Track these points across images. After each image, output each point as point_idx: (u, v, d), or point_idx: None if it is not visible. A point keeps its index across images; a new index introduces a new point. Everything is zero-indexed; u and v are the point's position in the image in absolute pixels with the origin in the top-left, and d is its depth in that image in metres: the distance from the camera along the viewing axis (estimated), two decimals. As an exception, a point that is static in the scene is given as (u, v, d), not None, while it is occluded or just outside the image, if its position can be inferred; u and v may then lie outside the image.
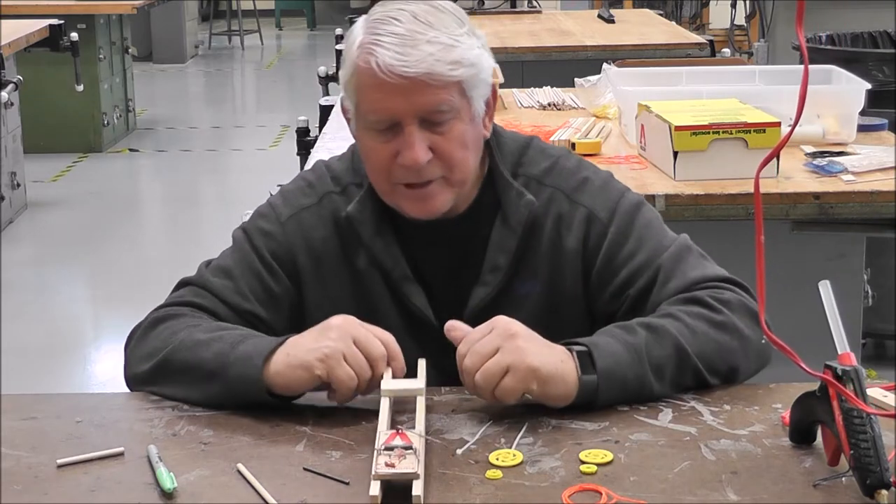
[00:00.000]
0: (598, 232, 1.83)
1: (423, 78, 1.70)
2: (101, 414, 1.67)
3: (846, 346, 1.43)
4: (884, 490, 1.35)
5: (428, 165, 1.75)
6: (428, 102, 1.72)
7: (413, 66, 1.69)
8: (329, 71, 5.04)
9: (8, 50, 6.02)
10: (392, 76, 1.70)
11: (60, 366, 4.68)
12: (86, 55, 7.46)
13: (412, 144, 1.73)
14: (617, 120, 3.44)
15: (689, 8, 9.13)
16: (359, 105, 1.77)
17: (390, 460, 1.42)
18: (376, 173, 1.80)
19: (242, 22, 13.30)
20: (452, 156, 1.76)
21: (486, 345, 1.59)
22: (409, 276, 1.83)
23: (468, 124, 1.77)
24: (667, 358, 1.66)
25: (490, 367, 1.58)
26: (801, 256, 2.94)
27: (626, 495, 1.41)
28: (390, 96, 1.71)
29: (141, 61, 10.90)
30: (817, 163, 2.95)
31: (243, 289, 1.83)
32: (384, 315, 1.83)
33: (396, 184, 1.78)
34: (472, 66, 1.74)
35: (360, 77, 1.74)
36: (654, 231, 1.85)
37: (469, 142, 1.78)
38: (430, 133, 1.75)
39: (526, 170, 1.87)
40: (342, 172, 1.90)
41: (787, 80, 3.47)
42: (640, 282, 1.80)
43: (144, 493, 1.44)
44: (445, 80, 1.71)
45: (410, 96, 1.71)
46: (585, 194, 1.85)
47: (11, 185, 6.45)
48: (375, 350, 1.62)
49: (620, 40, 5.26)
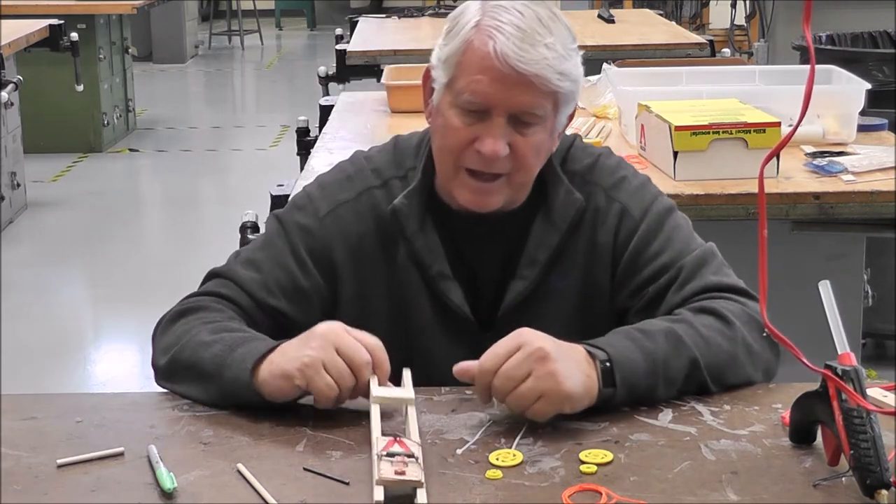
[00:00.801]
0: (629, 228, 1.86)
1: (532, 78, 1.73)
2: (101, 414, 1.67)
3: (846, 346, 1.43)
4: (884, 490, 1.35)
5: (501, 160, 1.77)
6: (525, 103, 1.75)
7: (528, 63, 1.72)
8: (329, 71, 5.04)
9: (8, 50, 6.01)
10: (505, 66, 1.72)
11: (60, 366, 4.68)
12: (86, 55, 7.45)
13: (496, 135, 1.76)
14: (617, 120, 3.44)
15: (689, 8, 9.13)
16: (456, 80, 1.78)
17: (397, 467, 1.41)
18: (447, 152, 1.80)
19: (242, 22, 13.30)
20: (526, 160, 1.79)
21: (517, 368, 1.56)
22: (447, 273, 1.84)
23: (548, 136, 1.81)
24: (680, 370, 1.67)
25: (523, 393, 1.56)
26: (801, 256, 2.94)
27: (626, 495, 1.41)
28: (494, 84, 1.73)
29: (141, 61, 10.89)
30: (817, 163, 2.95)
31: (270, 283, 1.83)
32: (418, 310, 1.85)
33: (461, 168, 1.79)
34: (574, 82, 1.79)
35: (470, 56, 1.75)
36: (683, 234, 1.87)
37: (542, 152, 1.82)
38: (514, 131, 1.77)
39: (570, 166, 1.90)
40: (384, 165, 1.90)
41: (787, 80, 3.47)
42: (661, 280, 1.81)
43: (144, 493, 1.44)
44: (550, 88, 1.75)
45: (512, 91, 1.73)
46: (622, 192, 1.88)
47: (11, 185, 6.45)
48: (358, 357, 1.60)
49: (620, 40, 5.26)
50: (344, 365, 1.59)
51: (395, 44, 5.20)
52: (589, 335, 1.70)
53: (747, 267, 2.67)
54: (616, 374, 1.61)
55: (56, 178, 7.44)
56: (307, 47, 13.78)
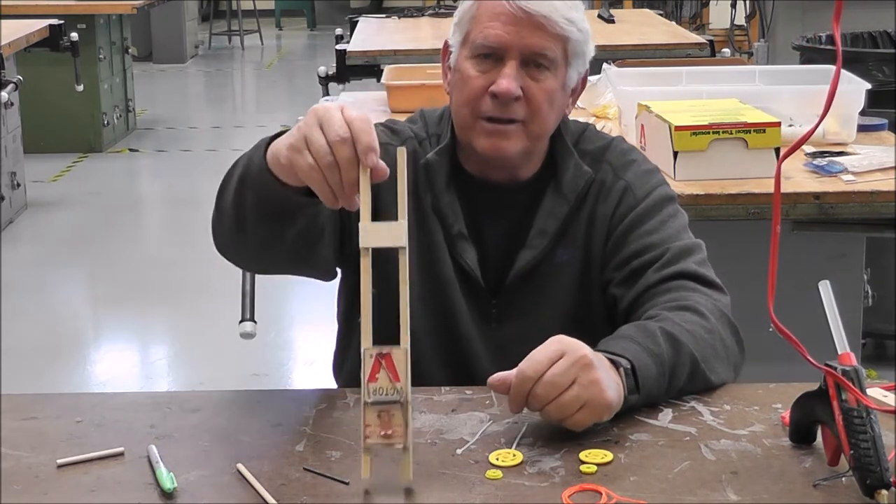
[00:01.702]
0: (629, 204, 1.92)
1: (541, 19, 1.82)
2: (101, 414, 1.67)
3: (846, 346, 1.43)
4: (884, 490, 1.35)
5: (515, 103, 1.84)
6: (536, 44, 1.83)
7: (538, 5, 1.82)
8: (329, 71, 5.04)
9: (8, 50, 6.02)
10: (515, 8, 1.82)
11: (60, 366, 4.68)
12: (86, 55, 7.46)
13: (509, 75, 1.83)
14: (617, 120, 3.44)
15: (689, 8, 9.14)
16: (470, 34, 1.86)
17: (384, 423, 1.40)
18: (464, 103, 1.87)
19: (242, 22, 13.31)
20: (539, 105, 1.85)
21: (562, 376, 1.53)
22: (464, 233, 1.91)
23: (560, 87, 1.88)
24: (683, 370, 1.68)
25: (567, 401, 1.53)
26: (801, 256, 2.93)
27: (626, 495, 1.41)
28: (506, 27, 1.83)
29: (141, 61, 10.90)
30: (817, 163, 2.95)
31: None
32: (442, 263, 1.91)
33: (479, 118, 1.85)
34: (582, 32, 1.88)
35: (482, 8, 1.85)
36: (677, 223, 1.92)
37: (556, 102, 1.88)
38: (527, 76, 1.85)
39: (584, 146, 1.97)
40: (418, 130, 1.98)
41: (787, 80, 3.47)
42: (646, 256, 1.86)
43: (144, 493, 1.44)
44: (558, 31, 1.84)
45: (522, 31, 1.83)
46: (630, 172, 1.95)
47: (11, 185, 6.45)
48: (333, 132, 1.50)
49: (620, 40, 5.26)
50: (324, 141, 1.50)
51: (395, 44, 5.20)
52: (585, 308, 1.88)
53: (747, 266, 2.68)
54: (640, 383, 1.62)
55: (56, 178, 7.44)
56: (307, 47, 13.78)
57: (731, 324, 1.80)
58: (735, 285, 2.93)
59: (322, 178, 1.51)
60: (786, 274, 2.96)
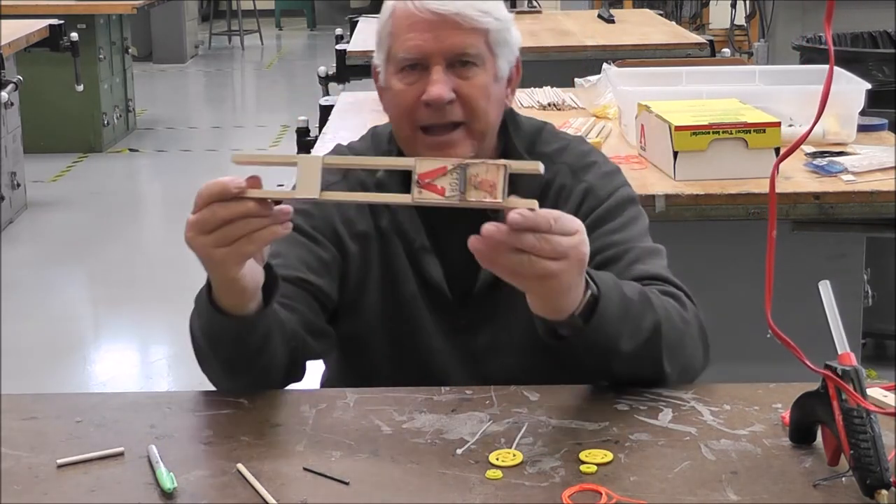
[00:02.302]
0: (591, 205, 1.89)
1: (454, 17, 1.80)
2: (101, 414, 1.67)
3: (846, 346, 1.43)
4: (884, 490, 1.35)
5: (450, 106, 1.82)
6: (456, 44, 1.81)
7: (446, 4, 1.80)
8: (329, 71, 5.04)
9: (8, 50, 6.02)
10: (424, 12, 1.80)
11: (60, 366, 4.68)
12: (86, 55, 7.46)
13: (436, 81, 1.81)
14: (617, 120, 3.44)
15: (689, 8, 9.14)
16: (391, 49, 1.85)
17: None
18: (400, 118, 1.86)
19: (242, 22, 13.31)
20: (475, 102, 1.83)
21: (560, 244, 1.50)
22: (427, 246, 1.89)
23: (492, 80, 1.85)
24: (645, 329, 1.66)
25: (543, 267, 1.50)
26: (801, 256, 2.93)
27: (626, 495, 1.41)
28: (422, 34, 1.81)
29: (141, 61, 10.90)
30: (817, 163, 2.95)
31: (293, 261, 1.84)
32: (405, 280, 1.89)
33: (417, 130, 1.84)
34: (500, 21, 1.84)
35: (396, 19, 1.84)
36: (639, 226, 1.90)
37: (492, 95, 1.85)
38: (455, 77, 1.82)
39: (539, 148, 1.94)
40: (364, 150, 1.96)
41: (787, 80, 3.47)
42: (609, 252, 1.83)
43: (144, 493, 1.44)
44: (475, 24, 1.81)
45: (440, 34, 1.80)
46: (591, 174, 1.92)
47: (11, 185, 6.45)
48: (198, 214, 1.59)
49: (620, 40, 5.26)
50: (207, 216, 1.57)
51: (395, 44, 5.19)
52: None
53: (747, 266, 2.68)
54: (598, 307, 1.60)
55: (56, 178, 7.44)
56: (307, 47, 13.78)
57: (702, 331, 1.78)
58: (735, 285, 2.95)
59: (224, 234, 1.55)
60: (786, 274, 2.96)
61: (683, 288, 1.82)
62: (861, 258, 3.07)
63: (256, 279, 1.63)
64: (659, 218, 2.71)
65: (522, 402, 1.66)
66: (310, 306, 1.83)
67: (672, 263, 1.89)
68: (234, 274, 1.59)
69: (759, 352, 2.36)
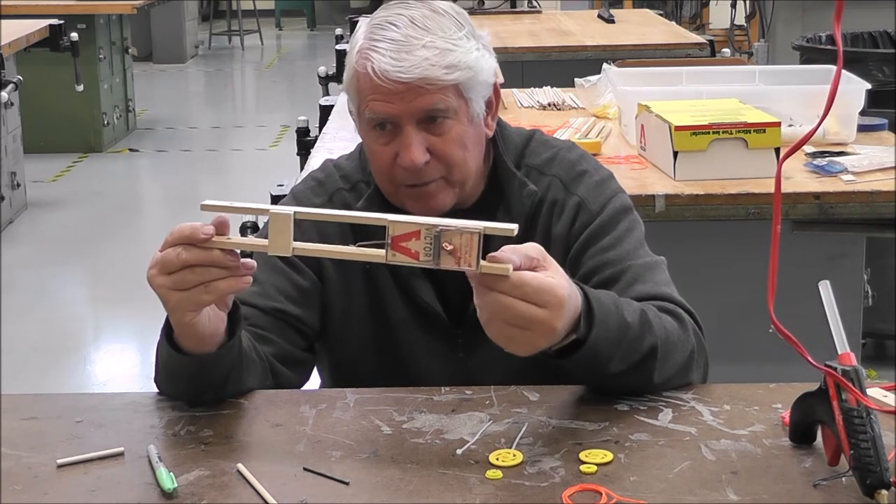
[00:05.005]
0: (584, 221, 1.86)
1: (418, 83, 1.74)
2: (101, 414, 1.67)
3: (846, 346, 1.43)
4: (884, 490, 1.35)
5: (427, 167, 1.78)
6: (424, 105, 1.75)
7: (407, 71, 1.73)
8: (329, 71, 5.03)
9: (8, 50, 6.02)
10: (387, 81, 1.74)
11: (60, 366, 4.68)
12: (86, 55, 7.46)
13: (409, 146, 1.77)
14: (617, 120, 3.44)
15: (689, 8, 9.15)
16: (359, 107, 1.81)
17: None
18: (380, 175, 1.83)
19: (242, 22, 13.31)
20: (451, 157, 1.79)
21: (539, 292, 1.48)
22: (416, 271, 1.84)
23: (467, 125, 1.80)
24: (639, 353, 1.65)
25: (523, 312, 1.48)
26: (801, 256, 2.93)
27: (626, 495, 1.41)
28: (387, 100, 1.75)
29: (141, 61, 10.90)
30: (817, 163, 2.95)
31: (270, 290, 1.83)
32: (392, 307, 1.87)
33: (398, 185, 1.81)
34: (469, 69, 1.77)
35: (359, 81, 1.78)
36: (634, 238, 1.86)
37: (468, 142, 1.80)
38: (428, 134, 1.78)
39: (528, 160, 1.90)
40: (351, 171, 1.93)
41: (787, 80, 3.47)
42: (606, 273, 1.81)
43: (144, 493, 1.44)
44: (441, 84, 1.75)
45: (406, 100, 1.75)
46: (581, 186, 1.88)
47: (11, 185, 6.45)
48: (165, 255, 1.54)
49: (620, 40, 5.26)
50: (170, 257, 1.54)
51: (394, 44, 5.19)
52: None
53: (747, 266, 2.69)
54: (591, 334, 1.58)
55: (56, 178, 7.44)
56: (307, 47, 13.78)
57: (702, 351, 1.75)
58: (735, 285, 2.95)
59: (187, 278, 1.53)
60: (786, 274, 2.96)
61: (685, 305, 1.80)
62: (861, 258, 3.07)
63: (214, 326, 1.61)
64: (659, 218, 2.72)
65: (522, 402, 1.66)
66: (286, 337, 1.82)
67: (672, 263, 1.89)
68: (189, 320, 1.58)
69: (759, 352, 2.36)
